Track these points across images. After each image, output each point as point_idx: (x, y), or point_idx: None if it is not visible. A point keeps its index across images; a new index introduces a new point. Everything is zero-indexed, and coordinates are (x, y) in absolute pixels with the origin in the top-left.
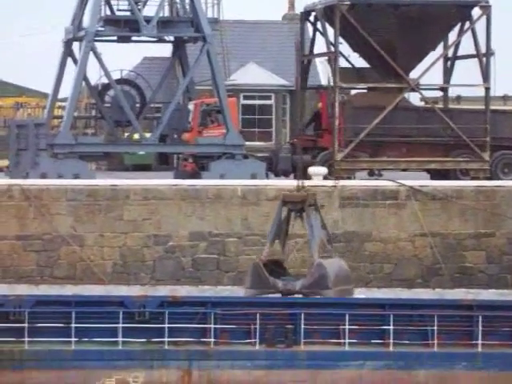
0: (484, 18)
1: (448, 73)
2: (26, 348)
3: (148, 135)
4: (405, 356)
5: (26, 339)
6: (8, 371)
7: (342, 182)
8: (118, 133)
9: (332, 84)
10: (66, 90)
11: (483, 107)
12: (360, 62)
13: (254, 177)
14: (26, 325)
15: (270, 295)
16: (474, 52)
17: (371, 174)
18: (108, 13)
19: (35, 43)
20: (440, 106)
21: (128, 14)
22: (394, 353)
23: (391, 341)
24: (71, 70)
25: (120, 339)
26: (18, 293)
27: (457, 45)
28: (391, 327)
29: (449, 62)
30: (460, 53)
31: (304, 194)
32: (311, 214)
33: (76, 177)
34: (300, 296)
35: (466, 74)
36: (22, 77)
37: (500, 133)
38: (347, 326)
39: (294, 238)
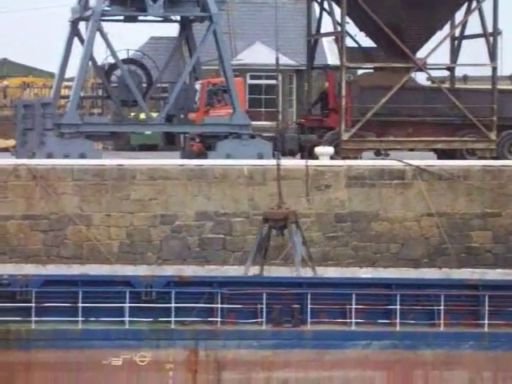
0: None
1: (455, 52)
2: (33, 327)
3: (154, 115)
4: (411, 335)
5: (33, 319)
6: (15, 350)
7: (348, 162)
8: (125, 112)
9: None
10: (72, 70)
11: (490, 87)
12: (367, 42)
13: (260, 157)
14: (33, 304)
15: (277, 275)
16: (481, 31)
17: (378, 153)
18: None
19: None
20: (447, 85)
21: None
22: (400, 332)
23: (398, 320)
24: (78, 49)
25: (127, 319)
26: (25, 272)
27: (464, 24)
28: (398, 307)
29: (456, 42)
30: (467, 32)
31: (286, 212)
32: (293, 231)
33: (82, 156)
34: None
35: (473, 53)
36: (29, 56)
37: (507, 112)
38: (354, 306)
39: (300, 218)
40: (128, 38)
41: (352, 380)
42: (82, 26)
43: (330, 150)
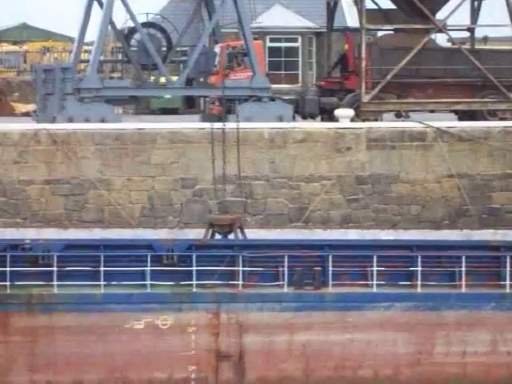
0: None
1: (475, 13)
2: (55, 292)
3: (174, 79)
4: (433, 297)
5: (55, 283)
6: (38, 314)
7: (369, 124)
8: (145, 76)
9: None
10: (92, 34)
11: (510, 47)
12: (386, 3)
13: (280, 119)
14: (54, 269)
15: (298, 237)
16: None
17: (398, 115)
18: None
19: None
20: (467, 46)
21: None
22: (421, 294)
23: (419, 282)
24: (97, 13)
25: (148, 282)
26: (46, 237)
27: None
28: (419, 268)
29: (476, 3)
30: None
31: (232, 218)
32: (239, 236)
33: (103, 121)
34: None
35: (493, 14)
36: (49, 21)
37: None
38: (375, 268)
39: (321, 181)
40: (147, 1)
41: (374, 342)
42: None
43: (351, 112)
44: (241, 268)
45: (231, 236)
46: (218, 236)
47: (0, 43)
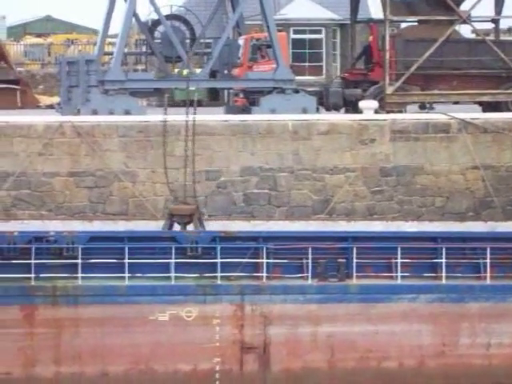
0: None
1: (499, 4)
2: (79, 284)
3: (198, 71)
4: (457, 289)
5: (80, 275)
6: (62, 307)
7: (393, 116)
8: (168, 69)
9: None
10: (116, 27)
11: None
12: None
13: (304, 111)
14: (79, 261)
15: (323, 229)
16: None
17: (422, 107)
18: None
19: None
20: (491, 37)
21: None
22: (446, 286)
23: (443, 274)
24: (121, 6)
25: (173, 274)
26: (71, 229)
27: None
28: (443, 260)
29: None
30: None
31: (193, 208)
32: (198, 227)
33: (127, 113)
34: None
35: None
36: (73, 13)
37: None
38: (399, 260)
39: (345, 172)
40: None
41: (398, 333)
42: None
43: (375, 103)
44: (265, 260)
45: (190, 227)
46: (176, 226)
47: (24, 36)
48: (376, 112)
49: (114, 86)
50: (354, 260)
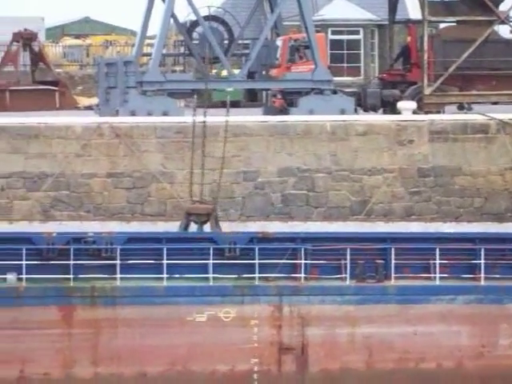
0: None
1: None
2: (118, 284)
3: (236, 72)
4: (496, 290)
5: (118, 276)
6: (101, 307)
7: (431, 116)
8: (207, 70)
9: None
10: (154, 28)
11: None
12: None
13: (342, 112)
14: (117, 261)
15: (361, 230)
16: None
17: (461, 107)
18: None
19: None
20: None
21: None
22: (484, 287)
23: (482, 275)
24: (159, 7)
25: (211, 275)
26: (109, 230)
27: None
28: (482, 261)
29: None
30: None
31: (210, 207)
32: (214, 226)
33: (165, 114)
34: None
35: None
36: (111, 15)
37: None
38: (437, 261)
39: (383, 173)
40: None
41: (436, 335)
42: None
43: (413, 104)
44: (303, 261)
45: (207, 226)
46: (193, 226)
47: (63, 37)
48: (414, 113)
49: (152, 87)
50: (393, 261)
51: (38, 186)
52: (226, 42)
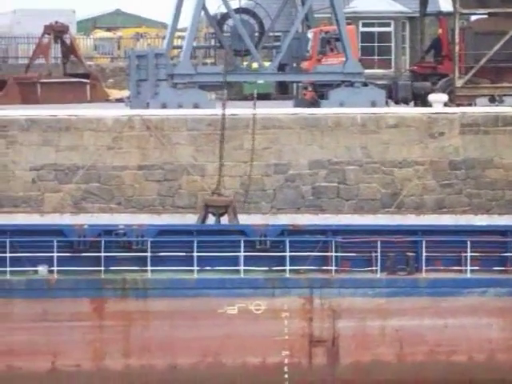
0: None
1: None
2: (149, 277)
3: (267, 64)
4: None
5: (149, 268)
6: (132, 299)
7: (462, 109)
8: (238, 62)
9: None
10: (185, 20)
11: None
12: None
13: (373, 104)
14: (148, 254)
15: (391, 223)
16: None
17: (492, 100)
18: None
19: None
20: None
21: None
22: None
23: None
24: None
25: (241, 268)
26: (140, 222)
27: None
28: None
29: None
30: None
31: (228, 199)
32: (232, 219)
33: (196, 106)
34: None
35: None
36: (142, 7)
37: None
38: (469, 254)
39: (414, 166)
40: None
41: (467, 327)
42: None
43: (444, 97)
44: (334, 253)
45: (225, 218)
46: (211, 217)
47: (94, 30)
48: (445, 105)
49: (183, 80)
50: (424, 254)
51: (69, 179)
52: (256, 34)
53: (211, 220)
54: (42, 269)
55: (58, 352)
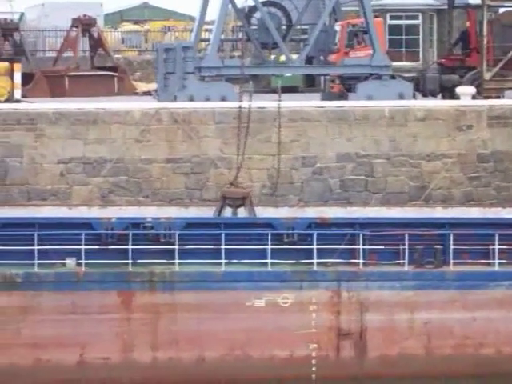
0: None
1: None
2: (176, 269)
3: (294, 57)
4: None
5: (177, 261)
6: (159, 292)
7: (490, 102)
8: (265, 55)
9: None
10: (212, 13)
11: None
12: None
13: (401, 97)
14: (176, 247)
15: (419, 215)
16: None
17: None
18: None
19: None
20: None
21: None
22: None
23: None
24: None
25: (269, 260)
26: (168, 215)
27: None
28: None
29: None
30: None
31: (246, 191)
32: (249, 210)
33: (223, 99)
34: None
35: None
36: (170, 0)
37: None
38: (497, 246)
39: (442, 159)
40: None
41: (495, 320)
42: None
43: (472, 89)
44: (361, 246)
45: (242, 210)
46: (228, 209)
47: (122, 23)
48: (473, 98)
49: (211, 73)
50: (451, 246)
51: (97, 172)
52: (284, 27)
53: (228, 212)
54: (70, 262)
55: (85, 344)
